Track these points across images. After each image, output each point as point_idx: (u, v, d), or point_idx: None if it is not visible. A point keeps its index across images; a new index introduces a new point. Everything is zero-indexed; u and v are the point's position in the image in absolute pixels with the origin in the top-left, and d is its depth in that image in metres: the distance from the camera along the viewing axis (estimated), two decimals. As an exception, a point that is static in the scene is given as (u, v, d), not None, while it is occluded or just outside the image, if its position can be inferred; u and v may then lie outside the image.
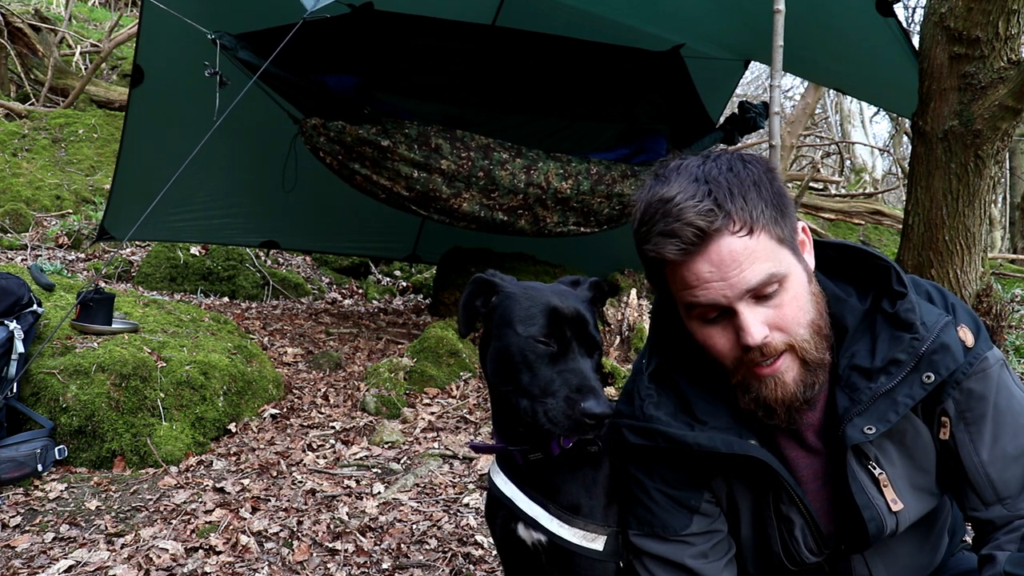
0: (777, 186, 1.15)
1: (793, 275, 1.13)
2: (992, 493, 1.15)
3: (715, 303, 1.12)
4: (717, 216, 1.08)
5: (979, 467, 1.15)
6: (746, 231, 1.09)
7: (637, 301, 4.43)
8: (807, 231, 1.22)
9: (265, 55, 3.32)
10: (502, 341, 1.27)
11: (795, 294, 1.13)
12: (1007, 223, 12.72)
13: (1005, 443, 1.15)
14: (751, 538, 1.29)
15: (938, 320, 1.15)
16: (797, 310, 1.13)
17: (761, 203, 1.11)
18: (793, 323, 1.13)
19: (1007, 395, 1.16)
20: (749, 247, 1.09)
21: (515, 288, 1.32)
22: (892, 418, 1.14)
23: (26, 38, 9.13)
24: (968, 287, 3.62)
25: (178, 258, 5.71)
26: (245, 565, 2.22)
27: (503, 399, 1.29)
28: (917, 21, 12.00)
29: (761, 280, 1.09)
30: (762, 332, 1.10)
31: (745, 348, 1.12)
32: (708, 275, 1.10)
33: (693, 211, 1.08)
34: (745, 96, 16.28)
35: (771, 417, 1.17)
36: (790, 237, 1.15)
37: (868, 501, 1.17)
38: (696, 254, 1.10)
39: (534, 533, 1.33)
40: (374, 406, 3.53)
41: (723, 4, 4.20)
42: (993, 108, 3.35)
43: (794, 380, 1.14)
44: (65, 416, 2.83)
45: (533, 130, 5.41)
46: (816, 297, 1.17)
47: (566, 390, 1.18)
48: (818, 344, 1.15)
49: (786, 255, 1.13)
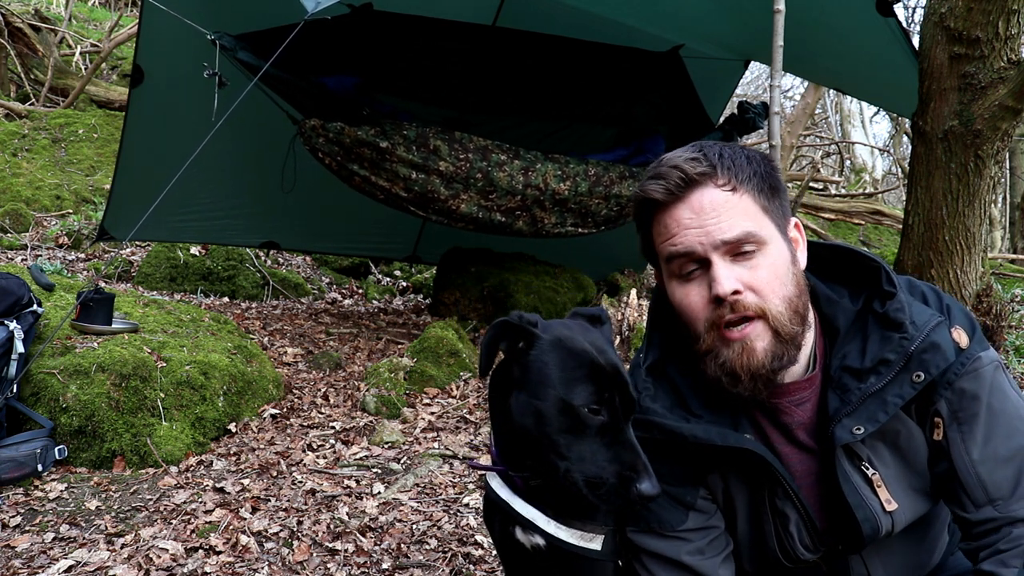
0: (771, 170, 1.19)
1: (773, 244, 1.16)
2: (983, 494, 1.14)
3: (691, 251, 1.15)
4: (702, 164, 1.15)
5: (970, 467, 1.14)
6: (730, 188, 1.14)
7: (637, 301, 4.43)
8: (800, 229, 1.24)
9: (265, 56, 3.32)
10: (539, 399, 1.16)
11: (773, 262, 1.15)
12: (1007, 223, 12.73)
13: (997, 444, 1.14)
14: (747, 534, 1.29)
15: (929, 320, 1.15)
16: (773, 278, 1.14)
17: (749, 170, 1.16)
18: (767, 289, 1.14)
19: (1001, 396, 1.16)
20: (731, 201, 1.14)
21: (549, 336, 1.19)
22: (881, 418, 1.14)
23: (26, 38, 9.13)
24: (968, 287, 3.62)
25: (178, 258, 5.72)
26: (245, 565, 2.22)
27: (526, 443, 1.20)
28: (917, 21, 12.00)
29: (737, 235, 1.12)
30: (733, 284, 1.12)
31: (716, 301, 1.14)
32: (687, 221, 1.15)
33: (682, 159, 1.16)
34: (745, 96, 16.28)
35: (735, 384, 1.16)
36: (777, 214, 1.18)
37: (861, 501, 1.18)
38: (679, 198, 1.16)
39: (532, 537, 1.33)
40: (374, 406, 3.53)
41: (723, 4, 4.20)
42: (993, 108, 3.35)
43: (763, 349, 1.14)
44: (65, 416, 2.83)
45: (531, 131, 5.41)
46: (798, 279, 1.18)
47: (617, 466, 1.12)
48: (792, 319, 1.15)
49: (769, 225, 1.16)
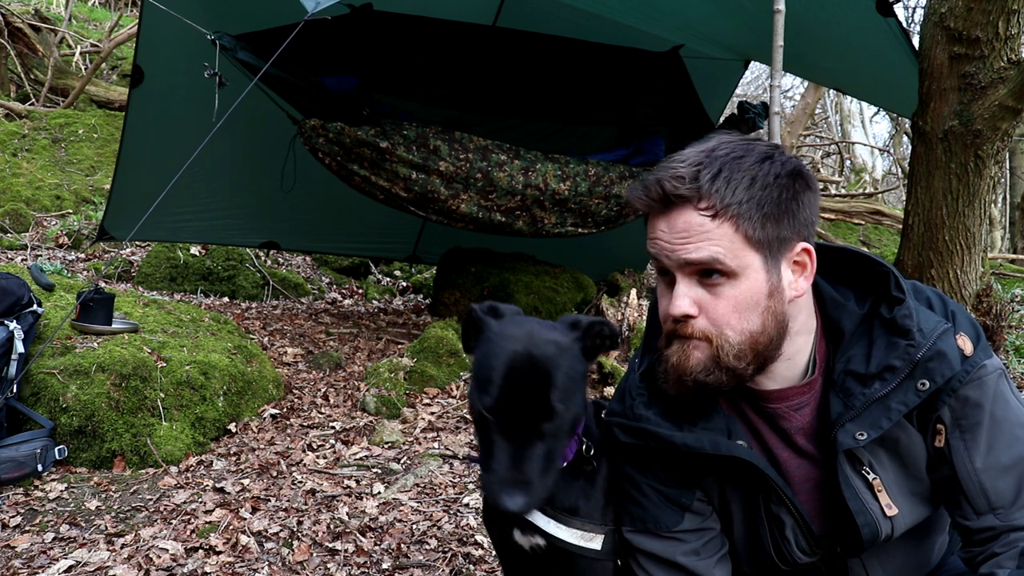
0: (784, 194, 1.11)
1: (746, 276, 1.10)
2: (984, 502, 1.14)
3: (660, 261, 1.15)
4: (685, 185, 1.10)
5: (972, 475, 1.14)
6: (710, 213, 1.09)
7: (637, 301, 4.43)
8: (811, 255, 1.16)
9: (265, 56, 3.32)
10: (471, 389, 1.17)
11: (739, 294, 1.11)
12: (1007, 223, 12.73)
13: (1000, 452, 1.14)
14: (744, 538, 1.29)
15: (936, 327, 1.14)
16: (732, 311, 1.11)
17: (745, 196, 1.08)
18: (723, 321, 1.12)
19: (1004, 405, 1.15)
20: (706, 227, 1.09)
21: (492, 332, 1.18)
22: (884, 424, 1.13)
23: (26, 38, 9.13)
24: (968, 287, 3.62)
25: (178, 258, 5.72)
26: (245, 565, 2.22)
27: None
28: (917, 21, 12.00)
29: (700, 258, 1.09)
30: (684, 307, 1.12)
31: (672, 318, 1.15)
32: (661, 234, 1.14)
33: (670, 173, 1.11)
34: (745, 96, 16.28)
35: (666, 386, 1.18)
36: (770, 243, 1.11)
37: (862, 506, 1.17)
38: (658, 212, 1.14)
39: (532, 538, 1.33)
40: (374, 406, 3.53)
41: (723, 4, 4.20)
42: (993, 108, 3.35)
43: (697, 360, 1.14)
44: (65, 416, 2.83)
45: (531, 131, 5.41)
46: (774, 313, 1.12)
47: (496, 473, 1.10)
48: (742, 354, 1.12)
49: (749, 256, 1.10)
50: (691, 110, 5.28)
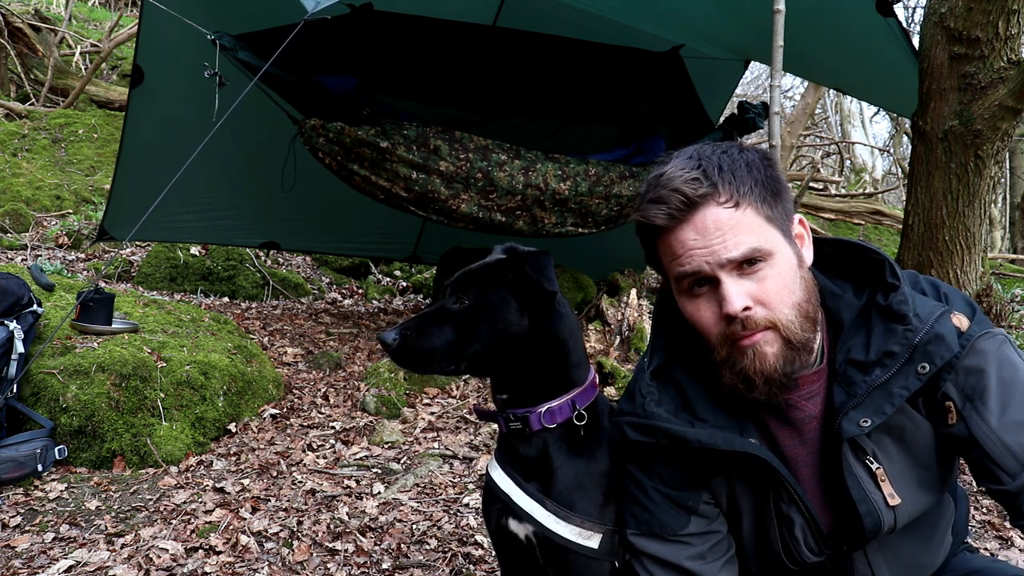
0: (772, 172, 1.18)
1: (779, 254, 1.15)
2: (1013, 461, 1.12)
3: (699, 271, 1.14)
4: (703, 184, 1.13)
5: (993, 436, 1.12)
6: (732, 203, 1.13)
7: (637, 301, 4.43)
8: (805, 224, 1.23)
9: (265, 56, 3.31)
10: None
11: (780, 271, 1.14)
12: (1007, 223, 12.74)
13: (1015, 411, 1.13)
14: (752, 538, 1.29)
15: (932, 311, 1.15)
16: (781, 287, 1.14)
17: (750, 180, 1.14)
18: (776, 300, 1.14)
19: (1010, 367, 1.15)
20: (734, 219, 1.12)
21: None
22: (887, 410, 1.14)
23: (26, 38, 9.13)
24: (968, 287, 3.62)
25: (178, 258, 5.71)
26: (245, 565, 2.22)
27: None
28: (917, 21, 12.00)
29: (743, 253, 1.12)
30: (743, 302, 1.12)
31: (727, 319, 1.14)
32: (692, 243, 1.14)
33: (681, 180, 1.14)
34: (745, 96, 16.28)
35: (751, 390, 1.17)
36: (780, 219, 1.17)
37: (864, 495, 1.17)
38: (683, 221, 1.14)
39: (527, 526, 1.33)
40: (374, 406, 3.53)
41: (723, 4, 4.20)
42: (993, 108, 3.35)
43: (774, 355, 1.15)
44: (65, 416, 2.83)
45: (532, 131, 5.41)
46: (807, 282, 1.18)
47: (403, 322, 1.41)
48: (803, 325, 1.16)
49: (774, 234, 1.15)
50: (691, 110, 5.28)
